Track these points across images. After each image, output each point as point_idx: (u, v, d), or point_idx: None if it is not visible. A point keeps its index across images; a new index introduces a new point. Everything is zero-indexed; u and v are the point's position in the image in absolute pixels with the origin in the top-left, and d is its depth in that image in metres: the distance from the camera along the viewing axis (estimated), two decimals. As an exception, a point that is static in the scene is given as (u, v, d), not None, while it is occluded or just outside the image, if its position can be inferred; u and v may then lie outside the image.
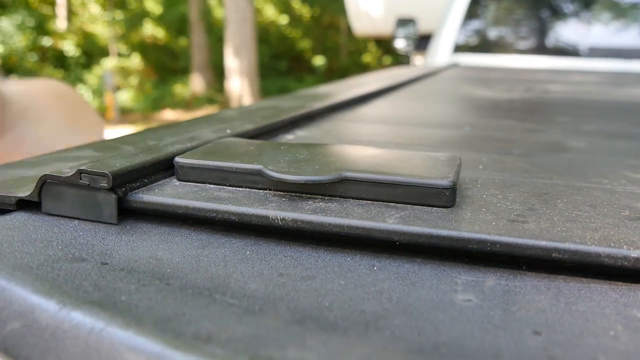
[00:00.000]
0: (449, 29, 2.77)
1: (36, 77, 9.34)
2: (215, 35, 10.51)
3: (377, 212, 0.36)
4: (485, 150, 0.61)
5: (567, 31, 2.66)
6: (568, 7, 2.77)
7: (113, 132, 6.87)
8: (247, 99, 8.02)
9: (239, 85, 8.07)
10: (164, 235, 0.37)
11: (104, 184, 0.38)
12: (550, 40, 2.70)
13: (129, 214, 0.40)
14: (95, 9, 11.01)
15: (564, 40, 2.65)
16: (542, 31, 2.74)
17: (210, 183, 0.42)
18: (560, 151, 0.63)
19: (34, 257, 0.32)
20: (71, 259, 0.32)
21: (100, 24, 10.95)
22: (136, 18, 11.29)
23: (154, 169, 0.43)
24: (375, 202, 0.39)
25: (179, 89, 10.30)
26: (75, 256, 0.33)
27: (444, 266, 0.34)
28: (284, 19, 12.72)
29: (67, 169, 0.41)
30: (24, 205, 0.41)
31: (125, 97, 9.59)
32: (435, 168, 0.41)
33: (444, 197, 0.38)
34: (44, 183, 0.40)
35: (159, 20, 11.30)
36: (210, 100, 9.47)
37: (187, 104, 9.53)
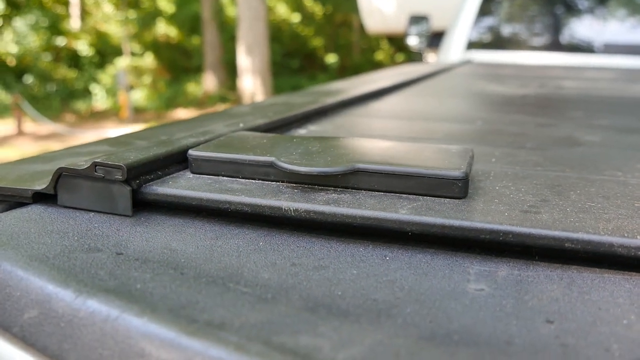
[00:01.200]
0: (462, 26, 2.76)
1: (50, 76, 9.43)
2: (228, 33, 10.54)
3: (390, 203, 0.37)
4: (498, 144, 0.60)
5: (581, 28, 2.63)
6: (582, 3, 2.75)
7: (127, 131, 6.90)
8: (260, 97, 8.03)
9: (252, 84, 8.09)
10: (178, 227, 0.38)
11: (118, 176, 0.38)
12: (564, 37, 2.68)
13: (143, 206, 0.41)
14: (108, 8, 11.09)
15: (578, 37, 2.62)
16: (555, 28, 2.72)
17: (223, 175, 0.42)
18: (574, 145, 0.63)
19: (50, 248, 0.33)
20: (87, 250, 0.33)
21: (114, 24, 11.02)
22: (149, 17, 11.35)
23: (168, 161, 0.43)
24: (387, 194, 0.39)
25: (192, 88, 10.34)
26: (91, 247, 0.33)
27: (456, 256, 0.34)
28: (296, 17, 12.73)
29: (81, 162, 0.41)
30: (39, 198, 0.42)
31: (139, 96, 9.65)
32: (447, 160, 0.41)
33: (457, 188, 0.38)
34: (59, 176, 0.40)
35: (172, 19, 11.34)
36: (222, 99, 9.50)
37: (200, 103, 9.57)
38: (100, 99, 9.58)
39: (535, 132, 0.71)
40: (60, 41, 10.26)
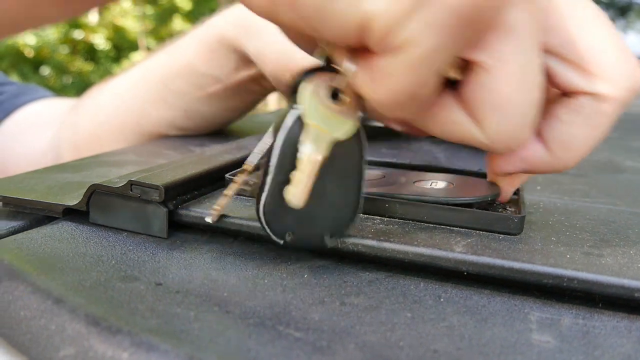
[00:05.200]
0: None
1: (67, 69, 9.47)
2: (244, 32, 10.55)
3: (442, 239, 0.34)
4: None
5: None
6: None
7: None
8: (273, 97, 8.03)
9: (266, 83, 8.08)
10: (217, 253, 0.36)
11: (155, 196, 0.36)
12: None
13: (179, 227, 0.39)
14: (126, 3, 11.13)
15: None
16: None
17: None
18: (616, 171, 0.61)
19: (86, 275, 0.31)
20: (124, 278, 0.31)
21: (131, 19, 11.06)
22: (166, 13, 11.38)
23: (205, 180, 0.41)
24: (437, 226, 0.37)
25: (206, 85, 10.36)
26: (128, 274, 0.32)
27: (514, 299, 0.32)
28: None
29: (115, 178, 0.40)
30: (69, 212, 0.40)
31: (153, 91, 9.67)
32: None
33: (512, 224, 0.36)
34: (92, 193, 0.38)
35: (189, 15, 11.37)
36: (236, 97, 9.50)
37: (214, 100, 9.58)
38: (115, 93, 9.60)
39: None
40: (78, 34, 10.31)
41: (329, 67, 0.30)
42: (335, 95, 0.30)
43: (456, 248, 0.33)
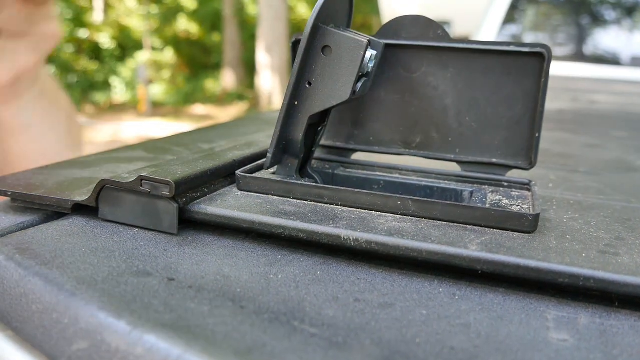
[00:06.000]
0: (487, 33, 2.72)
1: (72, 68, 9.48)
2: (248, 32, 10.54)
3: (456, 236, 0.34)
4: (550, 167, 0.58)
5: (609, 38, 2.59)
6: (609, 14, 2.70)
7: (145, 124, 6.93)
8: (278, 97, 8.02)
9: (270, 83, 8.07)
10: (228, 249, 0.36)
11: (166, 192, 0.36)
12: (590, 48, 2.63)
13: (189, 223, 0.39)
14: (131, 2, 11.13)
15: (605, 48, 2.58)
16: (581, 38, 2.67)
17: (273, 195, 0.40)
18: (628, 170, 0.60)
19: (98, 269, 0.31)
20: (136, 273, 0.31)
21: (136, 18, 11.07)
22: (171, 13, 11.38)
23: (214, 176, 0.41)
24: (451, 224, 0.36)
25: (210, 84, 10.35)
26: (140, 269, 0.31)
27: (530, 298, 0.31)
28: (316, 18, 12.67)
29: (125, 174, 0.39)
30: (79, 208, 0.40)
31: (158, 90, 9.67)
32: None
33: (527, 222, 0.35)
34: (102, 188, 0.38)
35: (193, 15, 11.37)
36: (240, 97, 9.49)
37: (218, 100, 9.57)
38: (119, 92, 9.63)
39: (584, 153, 0.68)
40: (83, 33, 10.33)
41: None
42: None
43: (470, 246, 0.33)
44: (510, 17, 2.79)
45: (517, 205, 0.38)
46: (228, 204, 0.38)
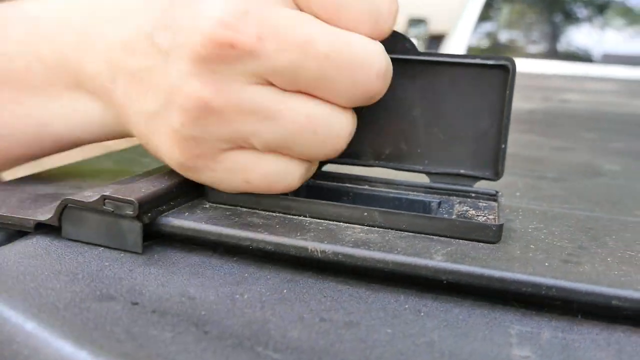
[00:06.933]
0: (462, 31, 2.74)
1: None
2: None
3: (422, 247, 0.34)
4: (518, 173, 0.59)
5: (581, 36, 2.62)
6: (581, 12, 2.74)
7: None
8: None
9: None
10: (195, 267, 0.35)
11: (129, 211, 0.36)
12: (562, 45, 2.66)
13: (155, 239, 0.38)
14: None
15: (577, 45, 2.61)
16: (556, 35, 2.71)
17: (241, 206, 0.40)
18: (595, 175, 0.61)
19: (60, 295, 0.30)
20: (99, 297, 0.30)
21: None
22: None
23: (182, 191, 0.41)
24: (418, 235, 0.37)
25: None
26: (104, 293, 0.31)
27: (494, 312, 0.32)
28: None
29: (88, 192, 0.39)
30: (42, 225, 0.39)
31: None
32: None
33: (491, 232, 0.36)
34: (65, 207, 0.38)
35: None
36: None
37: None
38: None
39: (553, 157, 0.69)
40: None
41: None
42: None
43: (436, 257, 0.33)
44: (486, 15, 2.81)
45: (484, 216, 0.39)
46: (195, 216, 0.38)
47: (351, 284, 0.34)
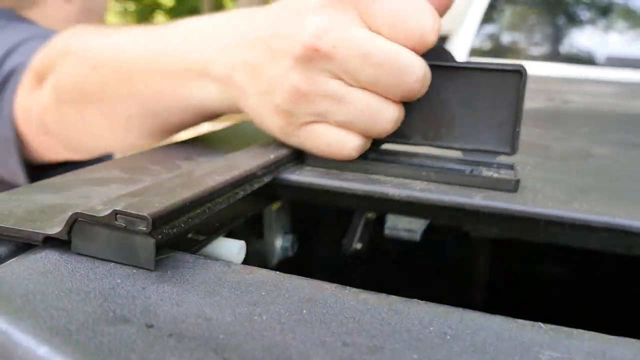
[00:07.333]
0: (466, 32, 2.72)
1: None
2: (226, 29, 10.47)
3: (465, 193, 0.49)
4: (526, 154, 0.69)
5: (584, 38, 2.61)
6: (585, 15, 2.72)
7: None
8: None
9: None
10: (209, 285, 0.34)
11: (142, 227, 0.35)
12: (566, 48, 2.65)
13: (168, 247, 0.37)
14: (106, -1, 10.99)
15: (580, 48, 2.59)
16: (559, 38, 2.69)
17: (332, 168, 0.55)
18: (587, 157, 0.71)
19: (73, 316, 0.29)
20: (113, 319, 0.29)
21: (112, 14, 10.92)
22: (148, 9, 11.25)
23: (194, 206, 0.40)
24: (461, 187, 0.51)
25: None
26: (117, 314, 0.30)
27: (522, 336, 0.30)
28: (294, 15, 12.66)
29: (99, 205, 0.38)
30: (51, 238, 0.38)
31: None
32: None
33: (511, 185, 0.50)
34: (74, 221, 0.36)
35: (171, 12, 11.24)
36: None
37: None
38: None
39: (554, 145, 0.80)
40: (57, 31, 10.16)
41: None
42: None
43: (476, 198, 0.47)
44: (489, 17, 2.79)
45: (505, 176, 0.52)
46: (306, 174, 0.52)
47: (371, 304, 0.33)
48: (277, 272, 0.36)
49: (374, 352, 0.28)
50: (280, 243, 0.63)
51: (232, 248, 0.44)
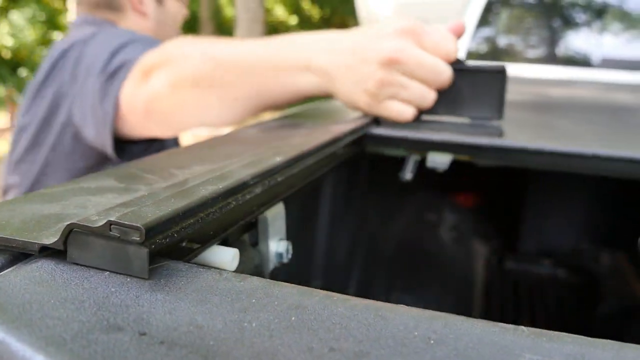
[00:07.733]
0: (462, 36, 2.73)
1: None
2: (226, 34, 10.48)
3: (473, 137, 0.77)
4: (512, 124, 0.93)
5: (579, 41, 2.62)
6: (580, 17, 2.74)
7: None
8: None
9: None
10: (201, 293, 0.35)
11: (135, 237, 0.35)
12: (561, 50, 2.66)
13: (161, 255, 0.38)
14: (104, 5, 11.01)
15: (575, 50, 2.61)
16: (554, 40, 2.71)
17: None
18: (567, 129, 0.95)
19: (67, 325, 0.30)
20: (107, 328, 0.30)
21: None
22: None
23: (187, 216, 0.40)
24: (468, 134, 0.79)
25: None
26: (111, 323, 0.31)
27: (504, 340, 0.31)
28: (293, 20, 12.68)
29: (94, 215, 0.39)
30: (46, 248, 0.39)
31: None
32: None
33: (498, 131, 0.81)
34: (70, 231, 0.37)
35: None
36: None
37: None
38: (93, 96, 9.50)
39: (542, 122, 1.07)
40: (57, 35, 10.18)
41: None
42: None
43: (482, 139, 0.72)
44: (485, 20, 2.81)
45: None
46: (390, 129, 0.85)
47: (359, 310, 0.34)
48: (268, 280, 0.37)
49: (360, 357, 0.29)
50: (275, 249, 0.64)
51: (225, 256, 0.45)
